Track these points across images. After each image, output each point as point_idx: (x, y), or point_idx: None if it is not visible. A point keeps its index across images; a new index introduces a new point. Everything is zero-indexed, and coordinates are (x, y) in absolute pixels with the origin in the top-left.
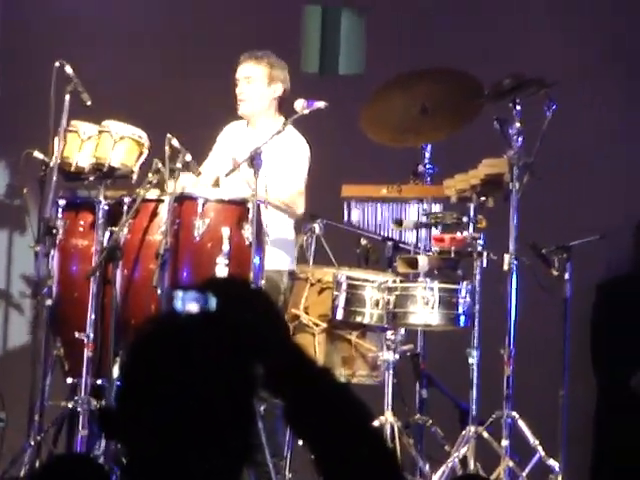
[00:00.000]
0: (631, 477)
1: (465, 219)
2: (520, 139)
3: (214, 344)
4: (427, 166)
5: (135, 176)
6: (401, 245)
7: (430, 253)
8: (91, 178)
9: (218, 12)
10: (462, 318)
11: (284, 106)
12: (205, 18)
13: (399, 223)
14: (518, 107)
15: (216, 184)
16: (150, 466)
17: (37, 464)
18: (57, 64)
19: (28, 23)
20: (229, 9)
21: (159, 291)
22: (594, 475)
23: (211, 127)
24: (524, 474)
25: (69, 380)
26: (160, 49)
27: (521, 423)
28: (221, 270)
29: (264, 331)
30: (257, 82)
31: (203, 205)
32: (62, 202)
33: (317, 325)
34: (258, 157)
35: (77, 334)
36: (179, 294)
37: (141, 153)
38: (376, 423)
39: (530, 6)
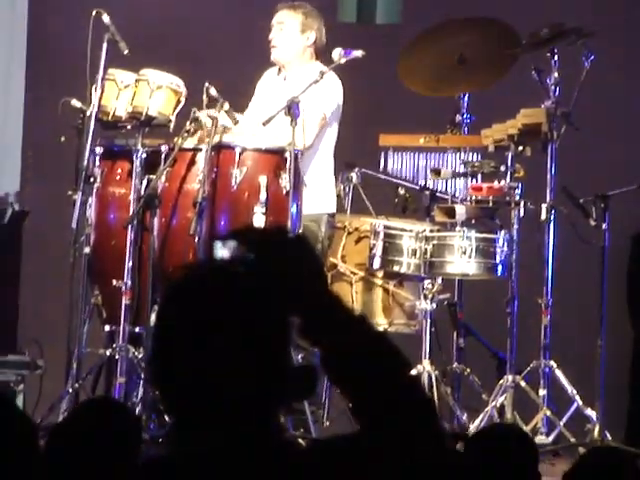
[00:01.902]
0: None
1: (503, 168)
2: (558, 89)
3: (250, 292)
4: (465, 115)
5: (172, 125)
6: (439, 194)
7: (468, 202)
8: (128, 126)
9: None
10: (499, 267)
11: (321, 55)
12: None
13: (437, 172)
14: (556, 57)
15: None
16: (185, 413)
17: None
18: (94, 12)
19: None
20: None
21: (196, 239)
22: (631, 425)
23: (251, 75)
24: (562, 423)
25: (107, 328)
26: (200, 2)
27: (558, 372)
28: (258, 219)
29: (301, 280)
30: (290, 29)
31: (240, 154)
32: (100, 150)
33: (354, 274)
34: (295, 106)
35: (115, 282)
36: (217, 244)
37: (179, 102)
38: (414, 372)
39: None
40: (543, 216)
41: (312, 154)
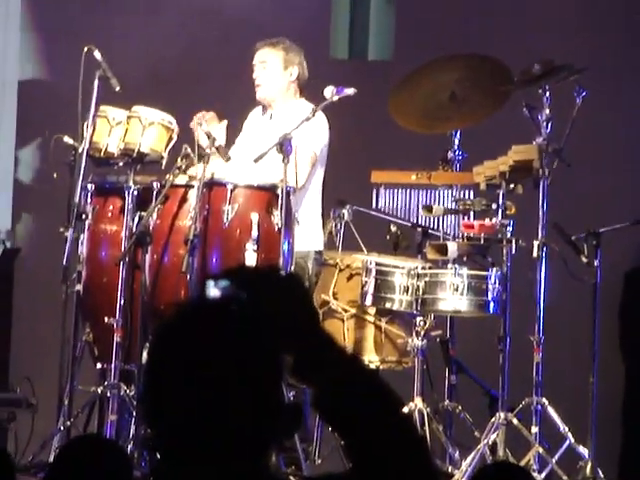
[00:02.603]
0: None
1: (494, 206)
2: (549, 125)
3: (242, 330)
4: (456, 152)
5: (164, 161)
6: (430, 231)
7: (459, 239)
8: (120, 163)
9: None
10: (491, 305)
11: (304, 91)
12: (235, 5)
13: (429, 209)
14: (547, 93)
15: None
16: (177, 451)
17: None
18: (86, 49)
19: (57, 7)
20: None
21: (188, 277)
22: (624, 462)
23: (240, 114)
24: (554, 460)
25: (98, 365)
26: (190, 35)
27: (551, 410)
28: (250, 256)
29: (293, 318)
30: (272, 66)
31: (232, 191)
32: (91, 187)
33: (346, 311)
34: (287, 143)
35: (106, 319)
36: (210, 283)
37: (170, 138)
38: (405, 409)
39: None
40: (535, 253)
41: (302, 192)
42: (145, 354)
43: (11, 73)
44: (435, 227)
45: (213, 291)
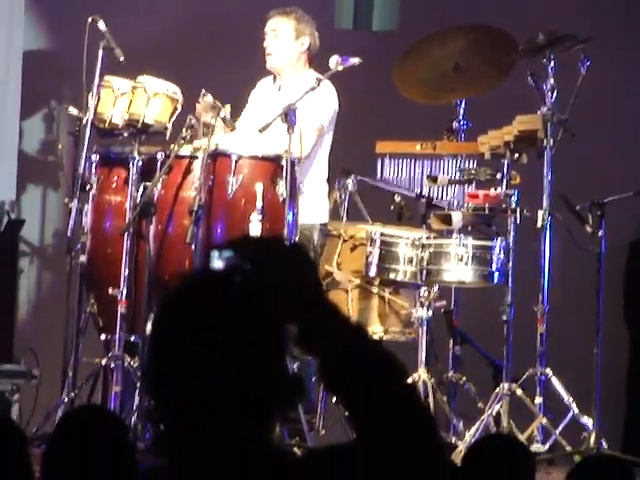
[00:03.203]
0: None
1: (499, 175)
2: (554, 95)
3: (247, 300)
4: (461, 122)
5: (169, 132)
6: (435, 202)
7: (464, 210)
8: (125, 134)
9: None
10: (496, 275)
11: (314, 61)
12: None
13: (433, 179)
14: (552, 63)
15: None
16: (181, 420)
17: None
18: (90, 19)
19: None
20: None
21: (193, 247)
22: (628, 433)
23: (246, 86)
24: (557, 431)
25: (103, 337)
26: (195, 5)
27: (555, 380)
28: (255, 226)
29: (298, 288)
30: (284, 35)
31: (236, 162)
32: (96, 158)
33: (350, 281)
34: (292, 113)
35: (111, 290)
36: (214, 254)
37: (175, 109)
38: (409, 380)
39: None
40: (539, 223)
41: (308, 163)
42: (149, 325)
43: (16, 44)
44: (440, 197)
45: (217, 262)
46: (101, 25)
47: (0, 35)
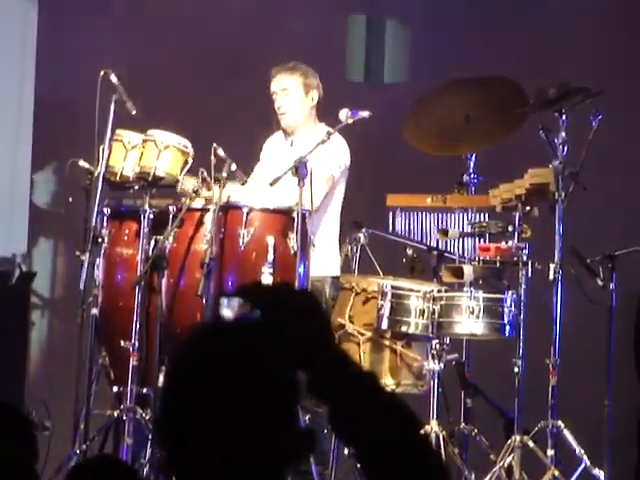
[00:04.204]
0: None
1: (510, 228)
2: (565, 149)
3: (258, 352)
4: (472, 176)
5: (180, 185)
6: (446, 255)
7: (475, 262)
8: (136, 187)
9: (264, 23)
10: (507, 328)
11: (320, 112)
12: (251, 29)
13: (444, 233)
14: (564, 117)
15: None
16: (192, 476)
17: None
18: (102, 73)
19: (72, 30)
20: (275, 19)
21: (204, 300)
22: None
23: (256, 138)
24: None
25: (114, 389)
26: (207, 59)
27: (566, 432)
28: (266, 279)
29: (309, 335)
30: (294, 93)
31: (247, 214)
32: (107, 211)
33: (362, 334)
34: (303, 166)
35: (122, 343)
36: (224, 301)
37: (186, 162)
38: (421, 432)
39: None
40: (551, 276)
41: (319, 215)
42: (161, 377)
43: (27, 96)
44: (451, 250)
45: (227, 309)
46: (113, 78)
47: (11, 86)
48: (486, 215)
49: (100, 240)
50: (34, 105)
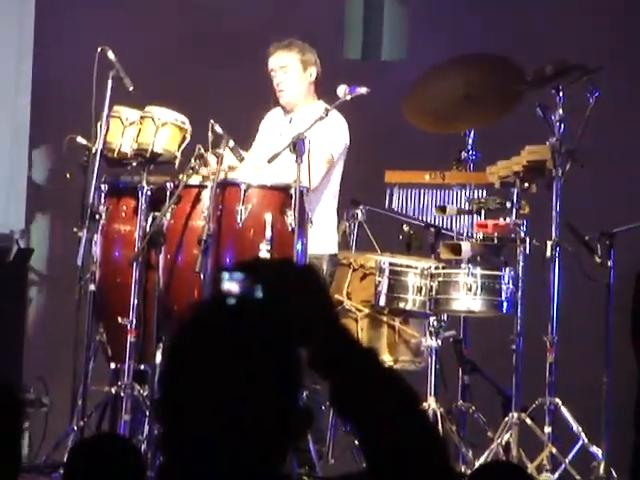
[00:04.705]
0: None
1: (508, 205)
2: (563, 126)
3: (259, 329)
4: (470, 152)
5: (178, 161)
6: (444, 231)
7: (473, 239)
8: (134, 163)
9: (262, 1)
10: (505, 304)
11: (319, 89)
12: (250, 7)
13: (442, 209)
14: (561, 94)
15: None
16: (190, 452)
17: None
18: (99, 49)
19: (71, 7)
20: None
21: (202, 276)
22: (637, 461)
23: (254, 114)
24: (567, 460)
25: (112, 365)
26: (206, 38)
27: (564, 410)
28: (263, 256)
29: (310, 312)
30: (293, 69)
31: (245, 191)
32: (105, 187)
33: (360, 311)
34: (301, 143)
35: (120, 319)
36: (225, 275)
37: (184, 138)
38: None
39: None
40: (548, 253)
41: (318, 193)
42: (159, 354)
43: (25, 73)
44: (449, 227)
45: (228, 283)
46: (110, 55)
47: (9, 65)
48: (484, 192)
49: (98, 217)
50: (32, 83)
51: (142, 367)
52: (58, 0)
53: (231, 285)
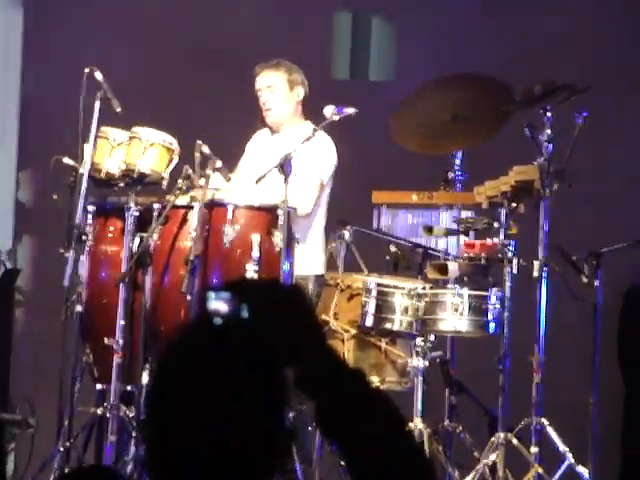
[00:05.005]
0: None
1: (496, 225)
2: (550, 146)
3: (245, 349)
4: (457, 173)
5: (165, 182)
6: (431, 252)
7: (460, 259)
8: (121, 184)
9: (249, 20)
10: (492, 325)
11: (305, 109)
12: (236, 26)
13: (429, 230)
14: (549, 114)
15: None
16: (176, 471)
17: (66, 470)
18: (87, 70)
19: (58, 27)
20: (260, 16)
21: (188, 297)
22: None
23: (240, 135)
24: None
25: (98, 386)
26: (192, 55)
27: (550, 430)
28: (250, 276)
29: (297, 333)
30: (280, 89)
31: (233, 211)
32: (92, 208)
33: (347, 331)
34: (288, 163)
35: (106, 340)
36: (211, 295)
37: (171, 159)
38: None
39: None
40: (535, 273)
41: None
42: (145, 375)
43: (12, 94)
44: (436, 247)
45: (213, 303)
46: (98, 75)
47: None
48: (472, 212)
49: (84, 237)
50: (19, 103)
51: (129, 388)
52: (45, 20)
53: (217, 305)
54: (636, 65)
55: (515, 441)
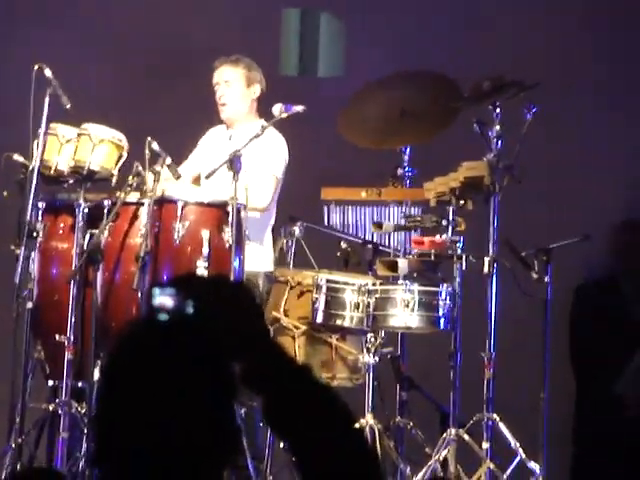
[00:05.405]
0: (611, 479)
1: (444, 222)
2: (500, 142)
3: (190, 346)
4: (406, 169)
5: (115, 179)
6: (381, 248)
7: (410, 256)
8: (71, 181)
9: (197, 16)
10: (442, 321)
11: (261, 107)
12: (186, 22)
13: (379, 226)
14: (498, 110)
15: (195, 182)
16: (125, 467)
17: (18, 466)
18: (36, 67)
19: (8, 23)
20: (208, 12)
21: (139, 294)
22: (575, 477)
23: (191, 131)
24: (505, 476)
25: (50, 383)
26: (141, 52)
27: (502, 426)
28: (201, 273)
29: (243, 329)
30: (236, 85)
31: (182, 208)
32: (42, 205)
33: (297, 328)
34: (237, 160)
35: (57, 337)
36: (156, 291)
37: (120, 156)
38: (357, 426)
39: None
40: (485, 269)
41: (256, 213)
42: (97, 371)
43: None
44: (386, 243)
45: (159, 299)
46: (47, 72)
47: None
48: (420, 209)
49: (35, 234)
50: None
51: (80, 384)
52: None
53: (162, 301)
54: (590, 63)
55: (467, 437)
